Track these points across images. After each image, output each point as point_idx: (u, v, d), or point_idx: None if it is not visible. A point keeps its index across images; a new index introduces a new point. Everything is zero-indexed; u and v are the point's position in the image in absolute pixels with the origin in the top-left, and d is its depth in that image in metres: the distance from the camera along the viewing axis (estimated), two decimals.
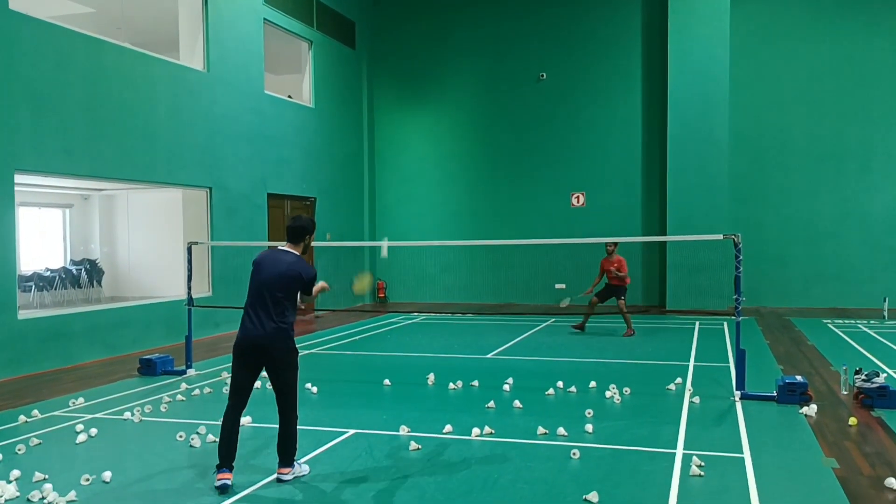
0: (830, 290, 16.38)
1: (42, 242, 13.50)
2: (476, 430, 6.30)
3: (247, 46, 14.13)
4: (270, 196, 14.81)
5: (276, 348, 5.12)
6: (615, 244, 12.66)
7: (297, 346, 5.30)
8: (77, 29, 10.69)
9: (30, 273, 12.34)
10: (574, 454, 5.64)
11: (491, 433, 6.30)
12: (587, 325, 12.96)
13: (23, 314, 9.93)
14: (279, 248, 5.41)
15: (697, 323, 13.86)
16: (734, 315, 7.70)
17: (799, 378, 7.45)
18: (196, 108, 12.72)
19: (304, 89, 16.64)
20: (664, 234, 16.45)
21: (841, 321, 13.83)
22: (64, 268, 13.13)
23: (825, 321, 13.85)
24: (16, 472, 5.32)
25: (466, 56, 18.56)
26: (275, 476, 5.22)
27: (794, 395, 7.25)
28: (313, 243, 16.94)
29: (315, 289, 5.47)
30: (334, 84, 17.51)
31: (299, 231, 5.38)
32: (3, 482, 5.07)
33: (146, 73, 11.68)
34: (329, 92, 17.25)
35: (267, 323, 5.11)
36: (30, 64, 9.69)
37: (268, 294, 5.14)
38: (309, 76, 16.60)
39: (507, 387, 8.16)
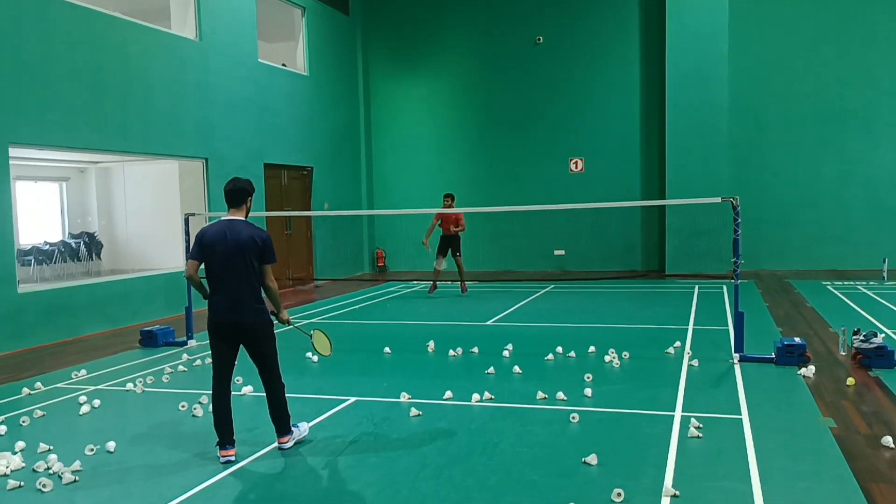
0: (830, 252, 16.36)
1: (39, 216, 13.45)
2: (476, 396, 6.34)
3: (239, 14, 13.92)
4: (267, 166, 14.72)
5: (250, 323, 5.02)
6: (452, 197, 13.36)
7: (270, 316, 5.18)
8: None
9: (28, 247, 12.33)
10: (573, 418, 5.68)
11: (491, 398, 6.35)
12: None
13: (23, 288, 9.94)
14: (223, 218, 5.18)
15: (697, 287, 13.89)
16: (733, 278, 7.72)
17: (797, 340, 7.49)
18: (190, 78, 12.58)
19: (298, 57, 16.44)
20: (663, 198, 16.35)
21: (840, 283, 13.84)
22: (62, 241, 13.10)
23: (825, 283, 13.86)
24: (21, 444, 5.37)
25: (462, 20, 18.31)
26: (275, 445, 5.26)
27: (792, 356, 7.29)
28: (312, 213, 16.67)
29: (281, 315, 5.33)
30: (329, 51, 17.31)
31: (239, 193, 5.15)
32: (9, 454, 5.11)
33: (138, 42, 11.53)
34: (324, 59, 17.05)
35: (235, 299, 4.98)
36: (21, 35, 9.55)
37: (230, 268, 4.98)
38: (303, 43, 16.39)
39: (506, 353, 8.20)
